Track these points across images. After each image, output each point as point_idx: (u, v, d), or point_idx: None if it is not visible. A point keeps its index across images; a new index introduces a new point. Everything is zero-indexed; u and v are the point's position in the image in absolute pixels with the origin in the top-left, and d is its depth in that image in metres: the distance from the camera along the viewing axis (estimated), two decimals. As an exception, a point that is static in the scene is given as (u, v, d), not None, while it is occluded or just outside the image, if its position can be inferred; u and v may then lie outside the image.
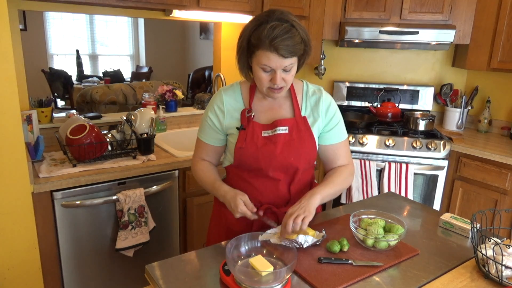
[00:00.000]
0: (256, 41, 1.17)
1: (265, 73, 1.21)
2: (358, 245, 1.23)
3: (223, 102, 1.33)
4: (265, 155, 1.28)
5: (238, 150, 1.30)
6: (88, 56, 7.65)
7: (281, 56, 1.15)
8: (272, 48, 1.14)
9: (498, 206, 2.37)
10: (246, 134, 1.29)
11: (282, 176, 1.32)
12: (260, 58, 1.18)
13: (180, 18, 2.40)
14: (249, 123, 1.30)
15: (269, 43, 1.14)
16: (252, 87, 1.34)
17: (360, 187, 2.57)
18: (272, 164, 1.29)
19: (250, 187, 1.33)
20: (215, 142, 1.39)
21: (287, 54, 1.15)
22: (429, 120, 2.66)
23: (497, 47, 2.55)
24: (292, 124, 1.30)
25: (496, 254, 1.07)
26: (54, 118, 2.25)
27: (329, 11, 2.75)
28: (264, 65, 1.18)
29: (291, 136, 1.29)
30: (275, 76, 1.19)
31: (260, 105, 1.34)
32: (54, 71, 6.39)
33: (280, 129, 1.29)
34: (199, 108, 2.84)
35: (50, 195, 1.74)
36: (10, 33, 1.50)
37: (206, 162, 1.42)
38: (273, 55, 1.15)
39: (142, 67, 7.88)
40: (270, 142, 1.28)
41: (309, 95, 1.36)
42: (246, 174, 1.34)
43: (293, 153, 1.29)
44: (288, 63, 1.18)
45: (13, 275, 1.68)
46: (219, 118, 1.34)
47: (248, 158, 1.29)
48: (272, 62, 1.16)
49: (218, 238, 1.39)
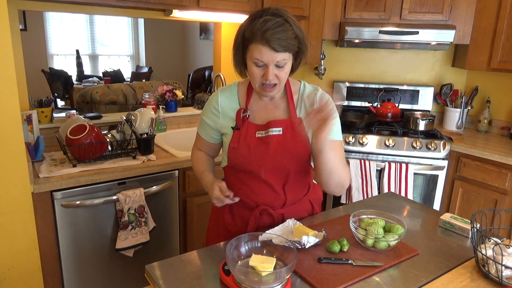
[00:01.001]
0: (249, 35, 1.17)
1: (258, 68, 1.19)
2: (358, 245, 1.23)
3: (218, 102, 1.34)
4: (257, 157, 1.27)
5: (231, 150, 1.30)
6: (88, 56, 7.65)
7: (272, 50, 1.14)
8: (264, 41, 1.13)
9: (498, 206, 2.37)
10: (240, 134, 1.28)
11: (274, 178, 1.30)
12: (252, 52, 1.17)
13: (180, 18, 2.40)
14: (243, 123, 1.29)
15: (261, 36, 1.13)
16: (250, 88, 1.34)
17: (360, 187, 2.57)
18: (264, 165, 1.27)
19: (247, 189, 1.33)
20: (210, 139, 1.41)
21: (279, 48, 1.14)
22: (429, 120, 2.66)
23: (497, 47, 2.55)
24: (286, 125, 1.28)
25: (496, 254, 1.07)
26: (54, 118, 2.25)
27: (329, 11, 2.75)
28: (256, 59, 1.17)
29: (285, 137, 1.27)
30: (267, 71, 1.18)
31: (256, 106, 1.33)
32: (54, 71, 6.39)
33: (273, 130, 1.27)
34: (199, 108, 2.83)
35: (50, 195, 1.74)
36: (10, 33, 1.50)
37: (202, 152, 1.47)
38: (264, 49, 1.14)
39: (142, 67, 7.88)
40: (263, 143, 1.27)
41: (304, 96, 1.33)
42: (242, 175, 1.33)
43: (286, 155, 1.27)
44: (280, 58, 1.16)
45: (13, 275, 1.68)
46: (214, 118, 1.35)
47: (240, 158, 1.29)
48: (264, 56, 1.16)
49: (216, 239, 1.39)
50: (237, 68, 1.31)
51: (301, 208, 1.41)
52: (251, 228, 1.34)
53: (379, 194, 2.01)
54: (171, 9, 2.21)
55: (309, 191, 1.43)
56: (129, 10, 2.26)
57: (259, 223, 1.35)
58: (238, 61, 1.28)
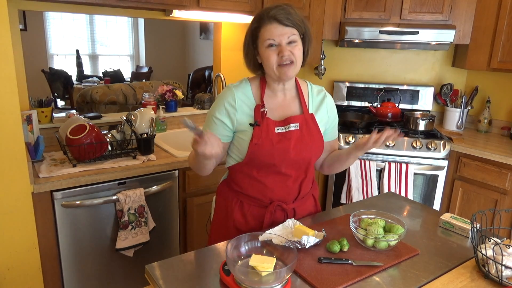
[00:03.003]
0: (257, 23, 1.26)
1: (272, 50, 1.24)
2: (358, 245, 1.23)
3: (234, 98, 1.32)
4: (280, 152, 1.30)
5: (253, 146, 1.29)
6: (88, 56, 7.65)
7: (281, 24, 1.22)
8: (272, 19, 1.22)
9: (498, 206, 2.37)
10: (261, 130, 1.29)
11: (293, 172, 1.36)
12: (263, 35, 1.24)
13: (180, 18, 2.40)
14: (263, 119, 1.30)
15: (267, 16, 1.23)
16: (262, 84, 1.35)
17: (360, 187, 2.57)
18: (285, 160, 1.32)
19: (260, 185, 1.35)
20: (223, 138, 1.35)
21: (287, 21, 1.22)
22: (429, 120, 2.66)
23: (497, 47, 2.55)
24: (301, 120, 1.34)
25: (496, 254, 1.07)
26: (54, 118, 2.25)
27: (329, 11, 2.75)
28: (268, 39, 1.23)
29: (302, 132, 1.33)
30: (282, 49, 1.23)
31: (271, 102, 1.35)
32: (54, 71, 6.39)
33: (292, 125, 1.33)
34: (199, 108, 2.84)
35: (50, 195, 1.74)
36: (10, 33, 1.50)
37: None
38: (273, 26, 1.22)
39: (142, 67, 7.88)
40: (285, 139, 1.31)
41: (314, 95, 1.42)
42: (255, 171, 1.34)
43: (305, 149, 1.33)
44: (290, 33, 1.23)
45: (13, 275, 1.68)
46: (230, 115, 1.32)
47: (263, 154, 1.30)
48: (274, 33, 1.22)
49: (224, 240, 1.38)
50: (250, 67, 1.36)
51: (308, 202, 1.48)
52: (266, 224, 1.36)
53: (379, 194, 2.01)
54: (171, 9, 2.21)
55: (313, 186, 1.51)
56: (129, 10, 2.26)
57: (273, 218, 1.37)
58: (250, 59, 1.33)
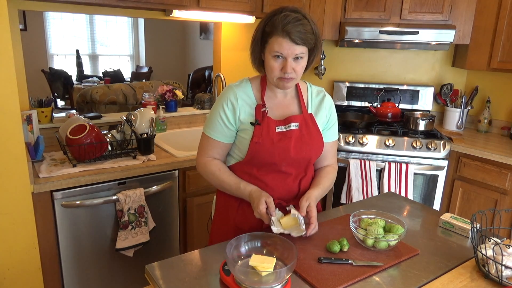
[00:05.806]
0: (270, 29, 1.23)
1: (277, 62, 1.25)
2: (358, 245, 1.23)
3: (236, 97, 1.33)
4: (280, 150, 1.31)
5: (254, 145, 1.30)
6: (88, 56, 7.65)
7: (292, 42, 1.21)
8: (285, 34, 1.20)
9: (498, 206, 2.37)
10: (262, 129, 1.31)
11: (293, 171, 1.37)
12: (272, 45, 1.23)
13: (180, 18, 2.40)
14: (264, 118, 1.32)
15: (282, 29, 1.20)
16: (263, 84, 1.36)
17: (360, 187, 2.57)
18: (286, 158, 1.32)
19: (261, 184, 1.35)
20: (226, 139, 1.36)
21: (299, 41, 1.21)
22: (429, 120, 2.66)
23: (497, 47, 2.55)
24: (301, 120, 1.35)
25: (496, 254, 1.07)
26: (54, 118, 2.25)
27: (329, 11, 2.75)
28: (276, 52, 1.23)
29: (301, 131, 1.34)
30: (286, 65, 1.23)
31: (271, 102, 1.37)
32: (54, 71, 6.39)
33: (292, 125, 1.34)
34: (199, 108, 2.84)
35: (50, 195, 1.74)
36: (10, 33, 1.50)
37: (218, 161, 1.40)
38: (285, 41, 1.21)
39: (142, 67, 7.87)
40: (285, 138, 1.32)
41: (313, 95, 1.43)
42: (256, 170, 1.35)
43: (305, 148, 1.34)
44: (299, 52, 1.23)
45: (13, 275, 1.68)
46: (233, 113, 1.33)
47: (264, 153, 1.31)
48: (284, 48, 1.21)
49: (225, 240, 1.38)
50: (255, 65, 1.36)
51: None
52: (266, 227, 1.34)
53: (379, 194, 2.01)
54: (171, 9, 2.21)
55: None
56: (129, 10, 2.26)
57: None
58: (256, 57, 1.33)
